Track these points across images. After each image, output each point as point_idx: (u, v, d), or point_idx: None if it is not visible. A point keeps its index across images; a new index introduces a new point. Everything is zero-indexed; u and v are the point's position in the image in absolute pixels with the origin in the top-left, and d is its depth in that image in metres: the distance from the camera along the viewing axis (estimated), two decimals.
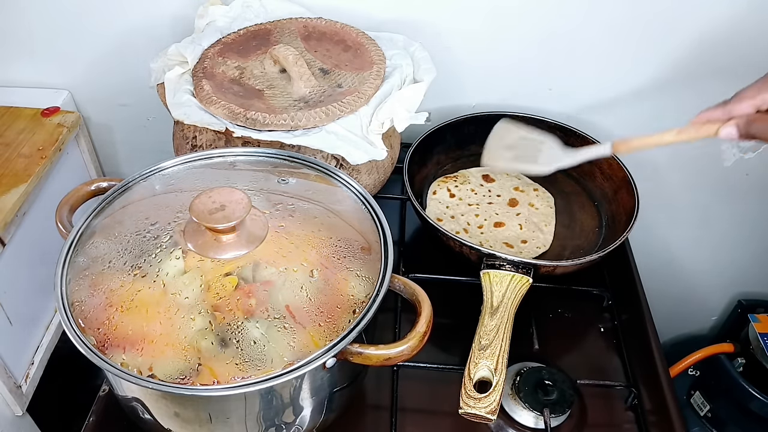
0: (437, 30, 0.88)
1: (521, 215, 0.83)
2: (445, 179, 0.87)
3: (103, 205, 0.61)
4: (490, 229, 0.81)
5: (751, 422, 1.02)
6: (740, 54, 0.86)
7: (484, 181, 0.88)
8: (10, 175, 0.84)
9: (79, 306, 0.52)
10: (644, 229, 0.85)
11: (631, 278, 0.80)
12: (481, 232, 0.81)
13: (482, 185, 0.87)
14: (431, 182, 0.88)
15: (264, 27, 0.82)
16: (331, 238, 0.57)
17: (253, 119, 0.68)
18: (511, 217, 0.83)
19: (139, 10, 0.90)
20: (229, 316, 0.51)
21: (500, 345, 0.63)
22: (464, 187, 0.86)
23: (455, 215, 0.83)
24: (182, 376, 0.48)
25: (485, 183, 0.87)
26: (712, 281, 1.19)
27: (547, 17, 0.86)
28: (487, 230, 0.81)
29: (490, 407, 0.58)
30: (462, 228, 0.81)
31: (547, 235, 0.81)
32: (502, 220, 0.83)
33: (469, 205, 0.84)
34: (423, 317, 0.52)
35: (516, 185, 0.88)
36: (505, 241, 0.80)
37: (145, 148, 1.06)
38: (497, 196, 0.86)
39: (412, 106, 0.72)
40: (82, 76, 0.98)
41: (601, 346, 0.74)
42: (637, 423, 0.66)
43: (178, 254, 0.54)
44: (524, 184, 0.88)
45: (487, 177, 0.88)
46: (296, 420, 0.55)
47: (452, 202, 0.84)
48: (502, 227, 0.82)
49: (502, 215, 0.83)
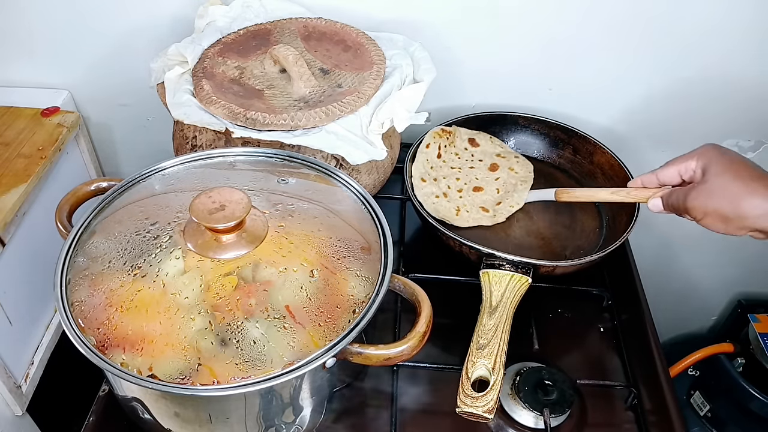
0: (437, 30, 0.88)
1: (500, 179, 0.84)
2: (441, 133, 0.86)
3: (103, 205, 0.61)
4: (469, 194, 0.82)
5: (751, 422, 1.02)
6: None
7: (469, 144, 0.88)
8: (10, 175, 0.84)
9: (79, 306, 0.52)
10: (644, 229, 0.85)
11: (631, 278, 0.80)
12: (459, 196, 0.82)
13: (467, 149, 0.88)
14: None
15: (264, 27, 0.82)
16: (331, 238, 0.57)
17: (253, 119, 0.68)
18: (489, 182, 0.84)
19: (140, 10, 0.90)
20: (229, 316, 0.51)
21: (498, 344, 0.63)
22: (451, 149, 0.87)
23: (437, 177, 0.83)
24: (182, 376, 0.48)
25: (470, 147, 0.88)
26: (712, 281, 1.19)
27: (547, 18, 0.86)
28: (465, 194, 0.82)
29: (487, 406, 0.58)
30: (442, 192, 0.81)
31: (522, 193, 0.82)
32: (481, 185, 0.84)
33: (451, 168, 0.85)
34: (423, 317, 0.52)
35: (498, 152, 0.88)
36: (482, 205, 0.82)
37: (145, 148, 1.06)
38: (479, 161, 0.87)
39: (412, 106, 0.72)
40: (82, 76, 0.98)
41: (601, 346, 0.74)
42: (637, 423, 0.66)
43: (178, 254, 0.54)
44: (506, 152, 0.89)
45: (473, 141, 0.88)
46: (296, 420, 0.55)
47: (437, 162, 0.85)
48: (480, 192, 0.83)
49: (482, 180, 0.84)
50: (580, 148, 0.88)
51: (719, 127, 0.95)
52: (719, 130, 0.96)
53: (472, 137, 0.89)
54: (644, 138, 0.98)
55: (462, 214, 0.80)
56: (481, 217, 0.81)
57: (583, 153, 0.88)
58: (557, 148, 0.90)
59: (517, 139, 0.92)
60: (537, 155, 0.91)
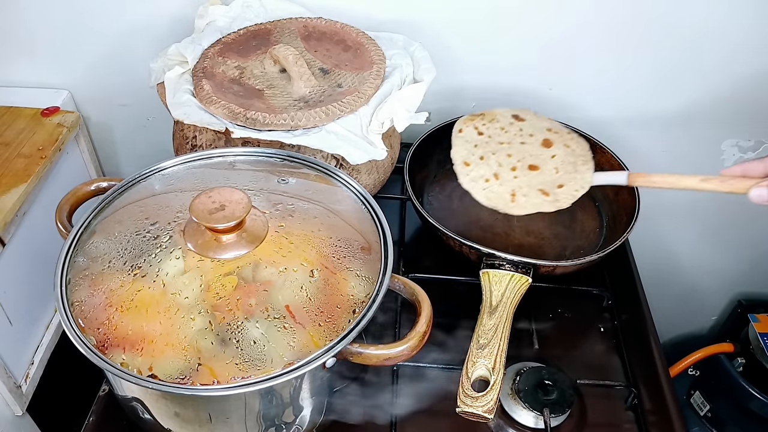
0: (437, 30, 0.88)
1: (557, 157, 0.74)
2: (472, 117, 0.78)
3: (103, 205, 0.61)
4: (524, 173, 0.73)
5: (751, 422, 1.02)
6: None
7: (514, 119, 0.78)
8: (10, 175, 0.84)
9: (79, 306, 0.52)
10: (644, 229, 0.85)
11: (631, 278, 0.80)
12: (514, 176, 0.72)
13: (512, 123, 0.78)
14: (432, 182, 0.88)
15: (264, 27, 0.82)
16: (331, 238, 0.57)
17: (253, 119, 0.68)
18: (545, 160, 0.74)
19: (139, 10, 0.90)
20: (229, 316, 0.51)
21: (498, 344, 0.63)
22: (493, 126, 0.77)
23: (485, 155, 0.74)
24: (182, 376, 0.48)
25: (515, 122, 0.78)
26: (712, 281, 1.19)
27: (547, 18, 0.86)
28: (521, 174, 0.72)
29: (487, 406, 0.58)
30: (492, 173, 0.72)
31: (585, 175, 0.72)
32: (536, 163, 0.73)
33: (500, 143, 0.75)
34: (423, 317, 0.52)
35: (548, 126, 0.78)
36: (540, 187, 0.72)
37: (145, 148, 1.06)
38: (530, 136, 0.77)
39: (412, 106, 0.72)
40: (82, 76, 0.98)
41: (601, 346, 0.74)
42: (637, 423, 0.66)
43: (178, 254, 0.54)
44: (557, 127, 0.79)
45: (517, 116, 0.79)
46: (296, 420, 0.55)
47: (481, 140, 0.76)
48: (537, 171, 0.73)
49: (536, 157, 0.74)
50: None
51: (719, 127, 0.95)
52: (719, 130, 0.96)
53: (515, 113, 0.79)
54: (644, 138, 0.98)
55: (518, 199, 0.71)
56: (541, 201, 0.71)
57: None
58: None
59: None
60: None
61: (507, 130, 0.77)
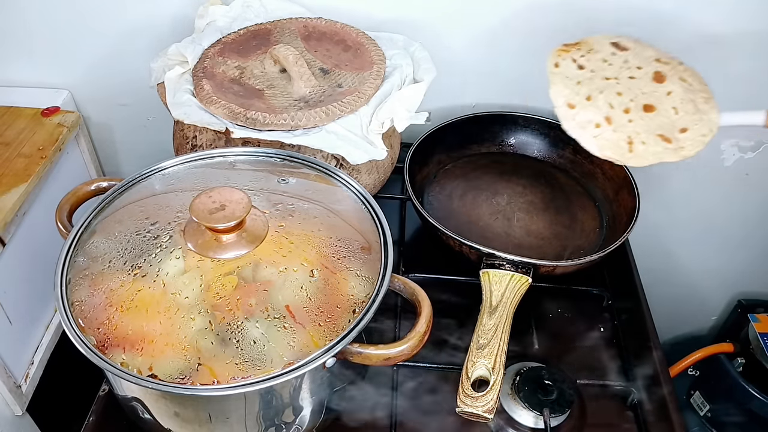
0: (437, 30, 0.88)
1: (673, 94, 0.64)
2: (566, 48, 0.68)
3: (103, 205, 0.61)
4: (640, 115, 0.63)
5: (751, 422, 1.02)
6: None
7: (615, 49, 0.68)
8: (10, 175, 0.84)
9: (79, 306, 0.52)
10: (644, 229, 0.85)
11: (631, 278, 0.80)
12: (629, 119, 0.62)
13: (614, 54, 0.67)
14: (432, 182, 0.87)
15: (264, 27, 0.82)
16: (331, 237, 0.57)
17: (253, 119, 0.68)
18: (660, 98, 0.64)
19: (140, 10, 0.90)
20: (229, 316, 0.51)
21: (498, 344, 0.63)
22: (594, 58, 0.67)
23: (591, 94, 0.64)
24: (182, 376, 0.48)
25: (618, 51, 0.67)
26: (712, 281, 1.19)
27: (547, 18, 0.86)
28: (636, 116, 0.62)
29: (487, 406, 0.58)
30: (603, 117, 0.62)
31: (711, 115, 0.63)
32: (652, 102, 0.63)
33: (605, 79, 0.65)
34: (423, 317, 0.52)
35: (656, 56, 0.67)
36: (660, 132, 0.62)
37: (145, 148, 1.06)
38: (638, 69, 0.66)
39: (412, 106, 0.72)
40: (82, 76, 0.98)
41: (601, 346, 0.74)
42: (637, 423, 0.66)
43: (178, 254, 0.54)
44: (665, 56, 0.68)
45: (618, 45, 0.68)
46: (296, 420, 0.55)
47: (583, 75, 0.65)
48: (653, 112, 0.63)
49: (650, 95, 0.64)
50: (581, 147, 0.88)
51: None
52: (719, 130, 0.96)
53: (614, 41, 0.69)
54: None
55: (636, 147, 0.62)
56: (663, 150, 0.62)
57: (584, 153, 0.86)
58: (557, 148, 0.90)
59: (517, 139, 0.92)
60: (537, 155, 0.91)
61: (611, 63, 0.66)
